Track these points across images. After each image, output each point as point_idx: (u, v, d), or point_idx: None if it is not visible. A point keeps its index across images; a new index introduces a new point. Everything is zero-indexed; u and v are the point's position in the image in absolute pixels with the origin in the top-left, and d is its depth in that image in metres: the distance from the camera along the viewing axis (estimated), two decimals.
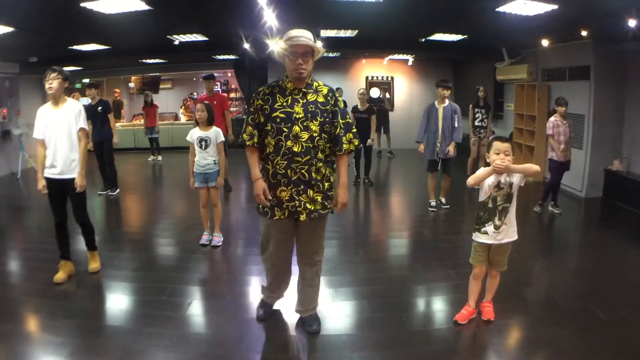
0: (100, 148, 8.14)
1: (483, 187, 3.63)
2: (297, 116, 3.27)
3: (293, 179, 3.29)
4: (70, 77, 4.56)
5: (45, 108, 4.52)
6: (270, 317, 3.87)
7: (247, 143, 3.40)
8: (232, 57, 12.05)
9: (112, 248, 5.68)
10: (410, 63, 13.38)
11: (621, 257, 5.45)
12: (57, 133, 4.42)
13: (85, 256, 4.94)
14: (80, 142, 4.51)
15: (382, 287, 4.57)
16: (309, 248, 3.63)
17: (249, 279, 4.76)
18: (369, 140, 8.69)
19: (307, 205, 3.36)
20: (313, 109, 3.31)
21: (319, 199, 3.40)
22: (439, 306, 4.26)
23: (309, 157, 3.28)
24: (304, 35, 3.26)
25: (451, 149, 6.80)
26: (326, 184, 3.44)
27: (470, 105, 9.34)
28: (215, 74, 18.23)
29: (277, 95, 3.32)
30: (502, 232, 3.64)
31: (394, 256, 5.74)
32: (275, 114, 3.27)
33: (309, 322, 3.74)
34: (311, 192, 3.36)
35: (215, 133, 5.49)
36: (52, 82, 4.35)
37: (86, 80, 15.22)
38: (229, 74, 16.87)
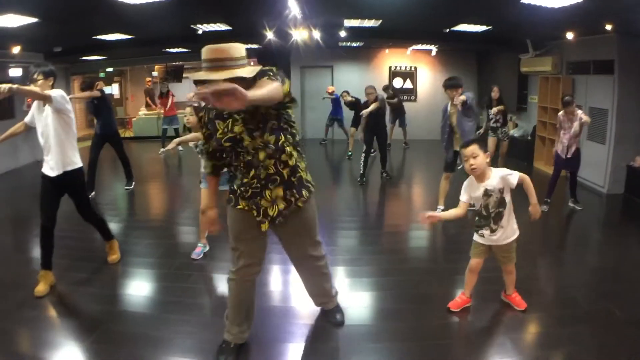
0: (103, 142, 7.66)
1: (475, 198, 3.66)
2: (244, 143, 2.80)
3: (246, 196, 2.93)
4: (55, 73, 4.23)
5: (37, 106, 4.24)
6: None
7: (208, 174, 3.23)
8: (254, 46, 12.06)
9: (137, 235, 5.80)
10: (433, 53, 13.29)
11: None
12: (48, 130, 4.14)
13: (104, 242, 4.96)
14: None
15: (403, 279, 4.59)
16: (301, 245, 3.29)
17: (271, 267, 4.76)
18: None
19: (269, 212, 2.94)
20: (255, 127, 2.80)
21: (280, 195, 2.94)
22: (447, 299, 4.16)
23: (252, 171, 2.88)
24: (224, 57, 2.56)
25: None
26: (284, 172, 2.92)
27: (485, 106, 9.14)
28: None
29: (216, 120, 2.86)
30: (499, 234, 3.68)
31: (414, 248, 5.76)
32: (222, 147, 2.86)
33: (333, 313, 3.73)
34: (267, 192, 2.92)
35: None
36: (35, 86, 4.06)
37: (109, 70, 15.45)
38: (252, 63, 16.91)
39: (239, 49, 2.60)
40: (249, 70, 2.59)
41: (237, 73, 2.53)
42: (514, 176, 3.55)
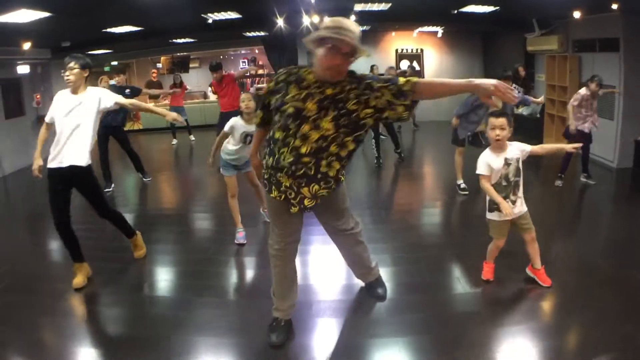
0: (107, 137, 7.56)
1: (495, 170, 3.78)
2: (308, 114, 2.82)
3: (297, 174, 2.90)
4: (90, 65, 4.22)
5: (63, 94, 4.22)
6: (286, 341, 3.32)
7: (256, 124, 3.39)
8: (262, 33, 12.12)
9: (161, 224, 5.99)
10: (439, 35, 13.32)
11: None
12: (71, 122, 4.08)
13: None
14: (128, 105, 4.47)
15: (422, 255, 4.74)
16: (329, 220, 3.42)
17: (306, 247, 4.81)
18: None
19: (305, 202, 3.02)
20: (327, 104, 2.83)
21: (324, 193, 3.04)
22: (475, 271, 4.28)
23: (317, 156, 2.88)
24: (352, 30, 2.70)
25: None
26: (333, 183, 3.04)
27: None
28: (243, 51, 18.55)
29: (293, 84, 2.89)
30: (518, 204, 3.82)
31: (430, 224, 5.96)
32: (284, 107, 2.87)
33: (374, 287, 3.86)
34: (316, 187, 2.98)
35: None
36: (69, 75, 4.08)
37: (115, 63, 15.48)
38: (257, 51, 16.98)
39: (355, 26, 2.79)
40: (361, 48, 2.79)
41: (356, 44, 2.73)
42: (528, 146, 3.81)
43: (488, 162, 3.78)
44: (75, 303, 4.01)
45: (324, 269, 4.49)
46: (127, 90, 7.90)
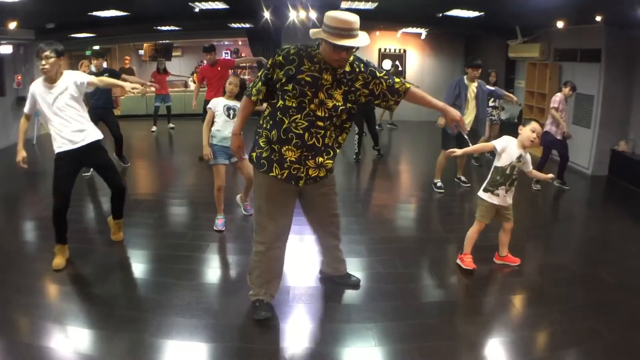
0: (96, 121, 7.13)
1: (507, 155, 4.11)
2: (324, 83, 3.02)
3: (308, 142, 3.07)
4: (64, 52, 4.10)
5: (38, 86, 4.12)
6: (273, 315, 3.45)
7: (252, 97, 3.22)
8: (247, 25, 12.09)
9: (141, 209, 5.98)
10: (423, 37, 13.42)
11: (625, 230, 5.78)
12: (62, 109, 4.10)
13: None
14: (98, 83, 4.32)
15: (397, 246, 4.89)
16: (324, 214, 3.58)
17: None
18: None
19: (310, 172, 3.16)
20: (340, 77, 3.06)
21: (329, 164, 3.24)
22: (447, 263, 4.53)
23: (329, 123, 3.09)
24: (356, 26, 2.91)
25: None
26: (337, 150, 3.27)
27: None
28: (226, 42, 18.47)
29: (305, 59, 3.03)
30: (509, 195, 4.22)
31: (406, 219, 6.18)
32: (301, 76, 3.00)
33: (348, 276, 3.97)
34: (320, 158, 3.16)
35: None
36: (46, 64, 3.97)
37: (96, 47, 15.28)
38: (240, 42, 16.92)
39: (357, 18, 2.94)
40: (365, 36, 2.98)
41: (366, 38, 2.97)
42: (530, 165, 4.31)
43: (507, 146, 4.15)
44: (50, 283, 3.99)
45: (300, 256, 4.55)
46: (106, 74, 7.66)
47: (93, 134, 4.28)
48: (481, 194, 4.27)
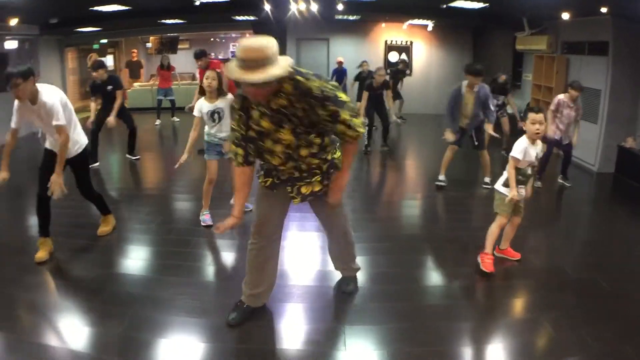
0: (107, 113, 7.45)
1: (528, 156, 4.02)
2: (267, 132, 2.83)
3: (283, 178, 3.06)
4: (32, 70, 3.94)
5: (23, 106, 4.05)
6: (243, 322, 3.33)
7: (238, 164, 3.06)
8: (251, 18, 12.01)
9: (137, 203, 5.95)
10: (429, 29, 13.26)
11: (629, 232, 5.58)
12: (45, 126, 4.14)
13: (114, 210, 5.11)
14: (59, 137, 4.05)
15: (398, 244, 4.82)
16: (327, 210, 3.38)
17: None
18: (393, 117, 9.06)
19: (302, 190, 3.09)
20: (278, 118, 2.79)
21: (318, 180, 3.09)
22: (450, 265, 4.43)
23: (292, 162, 2.96)
24: (259, 57, 2.49)
25: (490, 130, 6.48)
26: (324, 167, 3.07)
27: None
28: (234, 34, 18.42)
29: (251, 108, 2.85)
30: (528, 187, 4.22)
31: (411, 216, 6.04)
32: (249, 133, 2.90)
33: (346, 281, 3.83)
34: (307, 180, 3.07)
35: (227, 102, 4.78)
36: (17, 93, 3.83)
37: (104, 41, 15.29)
38: (247, 35, 16.82)
39: (272, 47, 2.54)
40: (281, 67, 2.55)
41: (271, 72, 2.49)
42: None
43: (526, 148, 4.01)
44: (37, 276, 3.99)
45: (299, 254, 4.51)
46: (109, 87, 7.45)
47: (76, 145, 4.34)
48: (501, 188, 4.16)
